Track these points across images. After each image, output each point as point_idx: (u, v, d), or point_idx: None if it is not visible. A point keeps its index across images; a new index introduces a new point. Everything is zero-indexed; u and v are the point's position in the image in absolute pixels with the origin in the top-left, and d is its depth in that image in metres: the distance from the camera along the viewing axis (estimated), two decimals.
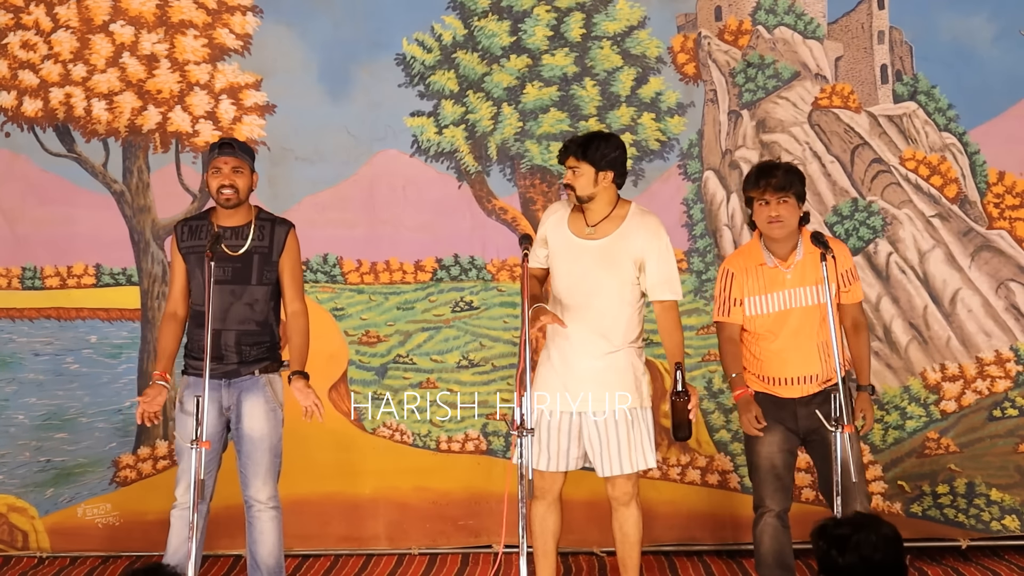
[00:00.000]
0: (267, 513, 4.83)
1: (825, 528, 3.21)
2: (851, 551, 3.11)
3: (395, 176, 6.30)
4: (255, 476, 4.80)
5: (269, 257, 4.80)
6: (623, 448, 4.82)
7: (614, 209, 4.85)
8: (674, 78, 6.28)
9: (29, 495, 6.29)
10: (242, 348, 4.76)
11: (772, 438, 4.78)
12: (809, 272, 4.74)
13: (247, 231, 4.79)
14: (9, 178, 6.33)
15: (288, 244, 4.83)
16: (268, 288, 4.81)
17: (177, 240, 4.85)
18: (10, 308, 6.34)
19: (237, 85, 6.30)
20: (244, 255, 4.75)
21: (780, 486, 4.79)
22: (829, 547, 3.15)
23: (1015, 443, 6.17)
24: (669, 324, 4.87)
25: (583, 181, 4.77)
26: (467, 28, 6.28)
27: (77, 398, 6.32)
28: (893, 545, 3.16)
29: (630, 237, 4.81)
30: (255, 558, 4.85)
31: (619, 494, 4.93)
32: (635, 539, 4.97)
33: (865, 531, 3.15)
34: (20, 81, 6.32)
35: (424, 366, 6.29)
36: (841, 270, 4.72)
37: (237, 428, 4.81)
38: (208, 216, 4.87)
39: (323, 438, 6.17)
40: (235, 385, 4.78)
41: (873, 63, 6.27)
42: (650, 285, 4.84)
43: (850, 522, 3.21)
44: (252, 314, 4.78)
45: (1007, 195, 6.22)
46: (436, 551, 6.23)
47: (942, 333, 6.19)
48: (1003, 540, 6.16)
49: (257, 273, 4.78)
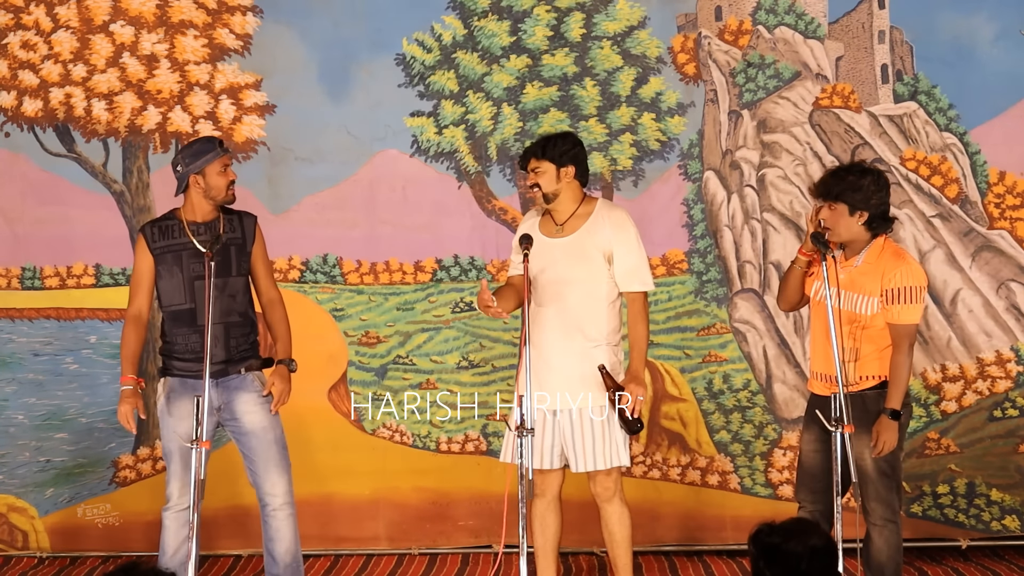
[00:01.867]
0: (283, 511, 4.83)
1: (759, 535, 3.13)
2: (779, 561, 3.04)
3: (395, 176, 6.29)
4: (267, 472, 4.79)
5: (244, 248, 4.85)
6: (597, 444, 4.85)
7: (580, 206, 4.94)
8: (674, 78, 6.28)
9: (29, 495, 6.29)
10: (230, 342, 4.78)
11: (809, 436, 4.77)
12: (859, 280, 4.68)
13: (217, 225, 4.81)
14: (9, 178, 6.33)
15: (257, 234, 4.91)
16: (245, 279, 4.87)
17: (147, 241, 4.81)
18: (10, 308, 6.34)
19: (237, 85, 6.30)
20: (222, 248, 4.76)
21: (815, 487, 4.74)
22: (759, 555, 3.09)
23: (1015, 443, 6.16)
24: (634, 315, 4.92)
25: (546, 179, 4.88)
26: (467, 28, 6.28)
27: (77, 398, 6.32)
28: (821, 556, 3.07)
29: (598, 231, 4.88)
30: (272, 556, 4.86)
31: (600, 490, 4.96)
32: (621, 537, 4.98)
33: (796, 540, 3.06)
34: (20, 81, 6.32)
35: (424, 367, 6.29)
36: (887, 286, 4.62)
37: (236, 427, 4.81)
38: (174, 215, 4.87)
39: (323, 439, 6.19)
40: (223, 384, 4.78)
41: (874, 63, 6.26)
42: (619, 276, 4.90)
43: (783, 530, 3.12)
44: (235, 305, 4.81)
45: (1008, 195, 6.21)
46: (436, 551, 6.23)
47: (943, 333, 6.18)
48: (1003, 540, 6.15)
49: (236, 264, 4.82)
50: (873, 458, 4.63)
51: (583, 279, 4.87)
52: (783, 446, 6.19)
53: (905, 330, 4.64)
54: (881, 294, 4.62)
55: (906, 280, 4.61)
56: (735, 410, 6.22)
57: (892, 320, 4.64)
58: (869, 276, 4.65)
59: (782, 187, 6.26)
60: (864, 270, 4.67)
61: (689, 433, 6.23)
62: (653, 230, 6.25)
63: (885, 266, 4.64)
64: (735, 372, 6.22)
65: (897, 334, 4.64)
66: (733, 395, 6.22)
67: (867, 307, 4.65)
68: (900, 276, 4.61)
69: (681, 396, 6.24)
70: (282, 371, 4.80)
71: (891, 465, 4.70)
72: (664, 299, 6.26)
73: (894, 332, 4.65)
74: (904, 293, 4.60)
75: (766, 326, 6.22)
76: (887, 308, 4.62)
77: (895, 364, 4.64)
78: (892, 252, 4.72)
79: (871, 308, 4.64)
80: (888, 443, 4.61)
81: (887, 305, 4.62)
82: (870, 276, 4.65)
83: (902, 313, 4.62)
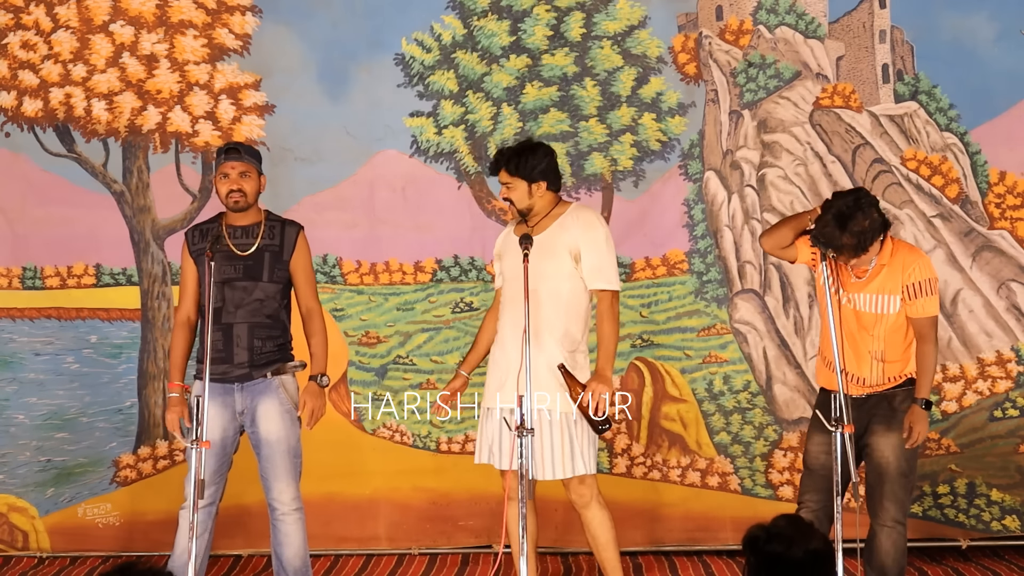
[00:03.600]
0: (291, 516, 4.84)
1: (756, 541, 3.07)
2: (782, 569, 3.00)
3: (394, 177, 6.29)
4: (276, 479, 4.81)
5: (280, 256, 4.84)
6: (556, 451, 4.78)
7: (554, 209, 4.95)
8: (675, 78, 6.27)
9: (29, 495, 6.29)
10: (254, 343, 4.77)
11: (821, 438, 4.75)
12: (881, 281, 4.70)
13: (257, 230, 4.82)
14: (9, 178, 6.33)
15: (299, 244, 4.88)
16: (279, 287, 4.84)
17: (188, 245, 4.87)
18: (10, 308, 6.34)
19: (236, 85, 6.29)
20: (255, 253, 4.78)
21: (823, 485, 4.74)
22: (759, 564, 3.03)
23: (1016, 443, 6.16)
24: (600, 313, 4.90)
25: (518, 195, 4.88)
26: (467, 28, 6.27)
27: (77, 398, 6.32)
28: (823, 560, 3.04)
29: (566, 230, 4.88)
30: (281, 560, 4.87)
31: (575, 497, 4.92)
32: (604, 540, 4.94)
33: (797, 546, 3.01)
34: (20, 81, 6.32)
35: (424, 367, 6.29)
36: (907, 282, 4.67)
37: (254, 432, 4.81)
38: (219, 220, 4.90)
39: (323, 439, 6.16)
40: (248, 389, 4.78)
41: (874, 63, 6.25)
42: (585, 274, 4.88)
43: (782, 536, 3.05)
44: (263, 308, 4.79)
45: (1008, 195, 6.21)
46: (436, 551, 6.23)
47: (943, 333, 6.17)
48: (1003, 540, 6.15)
49: (268, 270, 4.80)
50: (896, 457, 4.65)
51: (550, 274, 4.83)
52: (783, 447, 6.18)
53: (931, 322, 4.72)
54: (902, 290, 4.67)
55: (925, 273, 4.69)
56: (735, 411, 6.22)
57: (917, 314, 4.70)
58: (889, 274, 4.69)
59: (782, 187, 6.26)
60: (880, 271, 4.70)
61: (689, 434, 6.23)
62: (653, 230, 6.26)
63: (904, 261, 4.69)
64: (735, 373, 6.22)
65: (923, 326, 4.71)
66: (733, 396, 6.22)
67: (891, 306, 4.70)
68: (919, 270, 4.69)
69: (681, 397, 6.24)
70: (312, 388, 4.80)
71: (911, 465, 4.75)
72: (664, 299, 6.25)
73: (920, 325, 4.71)
74: (925, 286, 4.68)
75: (766, 327, 6.22)
76: (910, 302, 4.69)
77: (923, 354, 4.72)
78: (906, 249, 4.78)
79: (894, 307, 4.69)
80: (921, 433, 4.67)
81: (910, 300, 4.69)
82: (891, 274, 4.69)
83: (926, 306, 4.70)
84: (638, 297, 6.25)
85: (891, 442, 4.68)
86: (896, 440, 4.69)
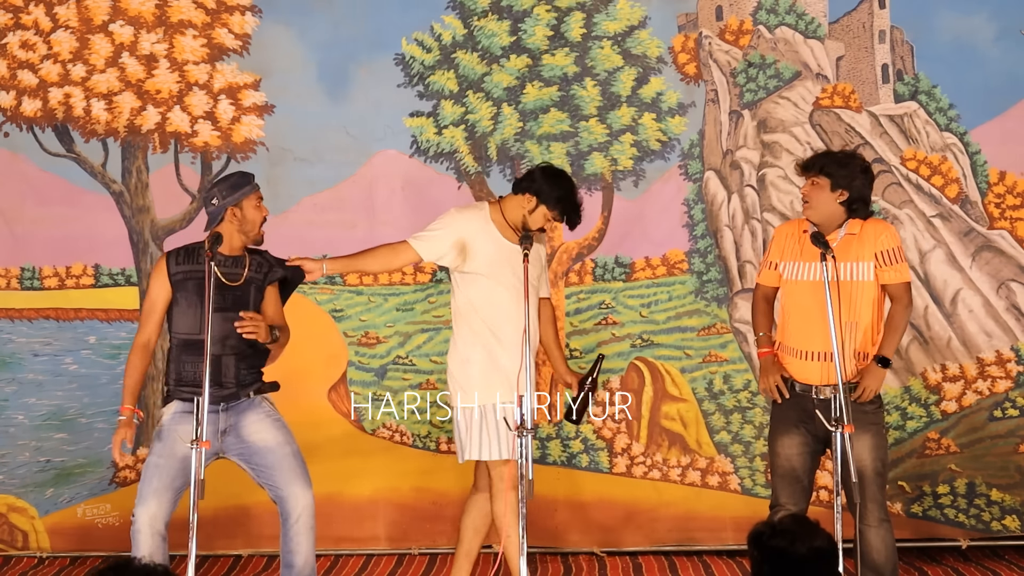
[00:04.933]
0: (306, 524, 4.78)
1: (760, 537, 3.12)
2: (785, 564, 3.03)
3: (394, 177, 6.28)
4: (290, 484, 4.73)
5: (262, 287, 4.80)
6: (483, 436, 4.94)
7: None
8: (675, 78, 6.27)
9: (29, 495, 6.29)
10: (240, 373, 4.74)
11: (792, 440, 4.77)
12: (852, 248, 4.74)
13: (243, 261, 4.77)
14: (8, 178, 6.33)
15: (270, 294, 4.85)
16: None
17: (168, 267, 4.73)
18: (9, 308, 6.33)
19: (236, 85, 6.29)
20: (243, 284, 4.73)
21: (798, 488, 4.77)
22: (763, 559, 3.08)
23: (1015, 443, 6.16)
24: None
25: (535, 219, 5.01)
26: (467, 28, 6.27)
27: (76, 398, 6.31)
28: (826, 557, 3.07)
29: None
30: (292, 569, 4.82)
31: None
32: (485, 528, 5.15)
33: (801, 542, 3.06)
34: (19, 81, 6.31)
35: (424, 367, 6.28)
36: (879, 249, 4.73)
37: (245, 449, 4.73)
38: (200, 246, 4.76)
39: (323, 439, 6.17)
40: (232, 408, 4.73)
41: (874, 63, 6.26)
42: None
43: (786, 532, 3.10)
44: (248, 339, 4.72)
45: (1008, 195, 6.21)
46: (436, 551, 6.23)
47: (943, 333, 6.18)
48: (1003, 540, 6.16)
49: (254, 302, 4.76)
50: (873, 459, 4.65)
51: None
52: None
53: (906, 287, 4.81)
54: (875, 257, 4.73)
55: (895, 241, 4.80)
56: (735, 411, 6.22)
57: (893, 280, 4.77)
58: (860, 242, 4.73)
59: (782, 187, 6.26)
60: (851, 240, 4.74)
61: (689, 434, 6.23)
62: (653, 230, 6.26)
63: (874, 230, 4.76)
64: (735, 372, 6.22)
65: (898, 291, 4.80)
66: (733, 395, 6.22)
67: (864, 273, 4.74)
68: (888, 238, 4.78)
69: (681, 396, 6.24)
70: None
71: (884, 463, 4.80)
72: (664, 299, 6.25)
73: (896, 289, 4.80)
74: (896, 253, 4.77)
75: None
76: (885, 268, 4.75)
77: (894, 313, 4.80)
78: (872, 220, 4.84)
79: (868, 274, 4.73)
80: (869, 388, 4.70)
81: (885, 266, 4.75)
82: (861, 241, 4.73)
83: (900, 271, 4.79)
84: (638, 297, 6.26)
85: (865, 444, 4.66)
86: (869, 441, 4.68)
